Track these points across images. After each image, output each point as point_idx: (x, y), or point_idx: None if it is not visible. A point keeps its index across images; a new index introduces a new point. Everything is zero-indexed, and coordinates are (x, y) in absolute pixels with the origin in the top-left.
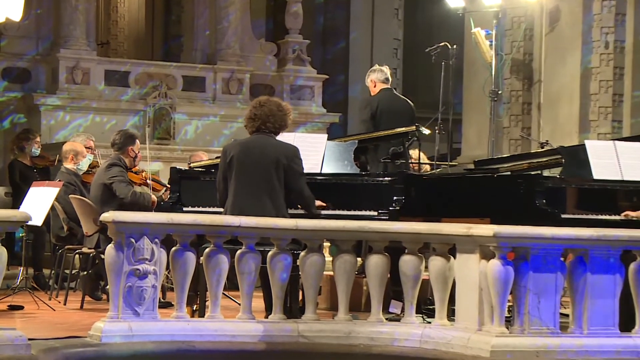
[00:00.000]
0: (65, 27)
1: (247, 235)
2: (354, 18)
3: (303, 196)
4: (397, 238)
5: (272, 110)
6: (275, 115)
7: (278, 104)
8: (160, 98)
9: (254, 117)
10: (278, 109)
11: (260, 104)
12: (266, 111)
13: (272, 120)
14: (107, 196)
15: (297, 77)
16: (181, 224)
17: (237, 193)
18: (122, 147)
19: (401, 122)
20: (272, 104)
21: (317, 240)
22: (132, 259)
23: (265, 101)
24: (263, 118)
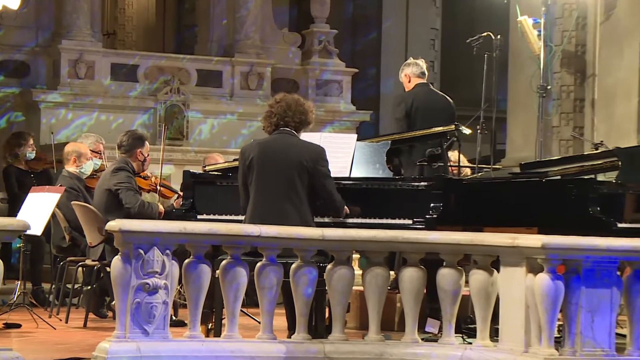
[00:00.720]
0: (68, 16)
1: (267, 246)
2: (387, 5)
3: (334, 201)
4: (434, 249)
5: (290, 104)
6: (293, 109)
7: (296, 98)
8: (172, 94)
9: (271, 115)
10: (296, 103)
11: (277, 101)
12: (283, 106)
13: (290, 115)
14: (113, 203)
15: (324, 70)
16: (195, 234)
17: (257, 200)
18: (129, 150)
19: (439, 120)
20: (289, 98)
21: (345, 252)
22: (141, 272)
23: (281, 97)
24: (280, 113)
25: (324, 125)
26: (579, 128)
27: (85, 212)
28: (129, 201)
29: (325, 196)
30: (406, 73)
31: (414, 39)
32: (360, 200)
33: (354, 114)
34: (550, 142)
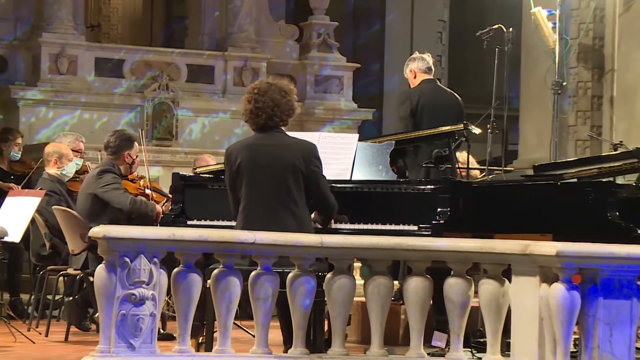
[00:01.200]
0: (49, 7)
1: (262, 253)
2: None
3: (327, 204)
4: (442, 257)
5: (276, 100)
6: (281, 105)
7: (280, 89)
8: (160, 91)
9: (256, 112)
10: (281, 95)
11: (260, 93)
12: (269, 102)
13: (278, 113)
14: (98, 208)
15: (323, 66)
16: (185, 241)
17: (249, 207)
18: (117, 152)
19: (446, 119)
20: (274, 91)
21: (346, 260)
22: (127, 281)
23: (265, 88)
24: (267, 112)
25: (324, 124)
26: (596, 127)
27: (67, 217)
28: (118, 201)
29: (318, 197)
30: (411, 68)
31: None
32: (362, 205)
33: (355, 112)
34: (565, 142)
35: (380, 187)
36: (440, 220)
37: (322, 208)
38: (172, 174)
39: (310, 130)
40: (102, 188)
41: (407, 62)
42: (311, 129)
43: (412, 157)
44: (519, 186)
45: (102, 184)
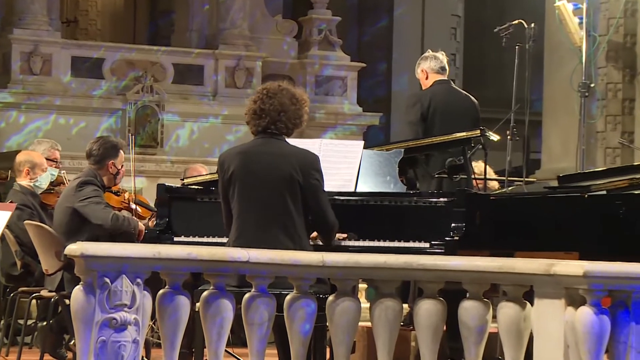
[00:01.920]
0: (20, 1)
1: (258, 273)
2: None
3: (325, 222)
4: (456, 278)
5: (285, 105)
6: (289, 111)
7: (291, 95)
8: (144, 93)
9: (260, 113)
10: (292, 101)
11: (269, 95)
12: (277, 106)
13: (284, 119)
14: (76, 224)
15: (325, 65)
16: (171, 259)
17: (241, 222)
18: (100, 161)
19: (461, 124)
20: (284, 95)
21: (350, 281)
22: (107, 305)
23: (275, 90)
24: (272, 115)
25: (325, 130)
26: (628, 134)
27: (41, 233)
28: (98, 217)
29: (316, 214)
30: (423, 68)
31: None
32: (367, 220)
33: (360, 117)
34: (594, 150)
35: (387, 199)
36: (455, 236)
37: (321, 227)
38: (157, 185)
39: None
40: (82, 202)
41: (418, 61)
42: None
43: (423, 167)
44: (542, 199)
45: (81, 197)
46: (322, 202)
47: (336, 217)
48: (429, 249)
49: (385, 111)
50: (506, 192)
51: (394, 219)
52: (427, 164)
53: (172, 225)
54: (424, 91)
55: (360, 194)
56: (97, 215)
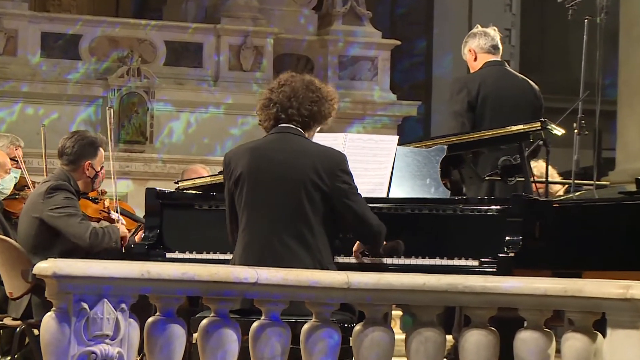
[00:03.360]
0: None
1: (268, 297)
2: None
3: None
4: (511, 303)
5: (296, 90)
6: (301, 96)
7: (308, 81)
8: (129, 78)
9: (269, 104)
10: (307, 86)
11: (279, 84)
12: (287, 91)
13: (295, 105)
14: (46, 237)
15: (350, 43)
16: (163, 280)
17: (249, 235)
18: (75, 161)
19: (518, 115)
20: (297, 81)
21: (381, 307)
22: (85, 335)
23: (286, 78)
24: (282, 103)
25: (351, 122)
26: None
27: (4, 248)
28: (73, 232)
29: (354, 220)
30: (471, 47)
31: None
32: (403, 232)
33: (394, 107)
34: None
35: (427, 207)
36: (509, 252)
37: (364, 236)
38: (146, 189)
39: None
40: (52, 212)
41: (465, 38)
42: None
43: (471, 168)
44: (617, 207)
45: (52, 205)
46: (356, 207)
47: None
48: (478, 268)
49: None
50: (573, 198)
51: (435, 231)
52: (476, 164)
53: (164, 238)
54: (472, 75)
55: (393, 201)
56: (72, 231)
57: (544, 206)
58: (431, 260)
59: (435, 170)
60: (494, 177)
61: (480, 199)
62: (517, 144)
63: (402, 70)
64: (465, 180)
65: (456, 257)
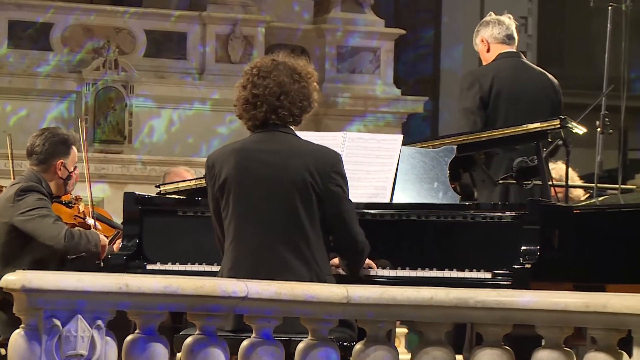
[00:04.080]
0: None
1: (260, 313)
2: None
3: (353, 241)
4: (527, 320)
5: (284, 84)
6: (290, 92)
7: (291, 69)
8: (106, 70)
9: (254, 101)
10: (292, 78)
11: (261, 74)
12: (273, 87)
13: (286, 104)
14: (15, 245)
15: (350, 33)
16: (143, 294)
17: (238, 244)
18: (46, 160)
19: (535, 112)
20: (281, 71)
21: (384, 324)
22: (57, 355)
23: (268, 68)
24: (270, 101)
25: (351, 120)
26: None
27: None
28: (47, 234)
29: (339, 231)
30: (483, 37)
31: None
32: (408, 241)
33: (398, 103)
34: None
35: (435, 214)
36: (526, 263)
37: (345, 249)
38: (124, 194)
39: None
40: (23, 215)
41: (477, 27)
42: (331, 127)
43: (483, 170)
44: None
45: (22, 209)
46: (346, 216)
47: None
48: (491, 281)
49: (432, 95)
50: (595, 203)
51: (444, 240)
52: (489, 166)
53: (145, 248)
54: (485, 67)
55: (397, 206)
56: (46, 233)
57: (563, 212)
58: (439, 273)
59: (443, 172)
60: (509, 180)
61: (493, 205)
62: (534, 143)
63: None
64: (477, 184)
65: (467, 269)
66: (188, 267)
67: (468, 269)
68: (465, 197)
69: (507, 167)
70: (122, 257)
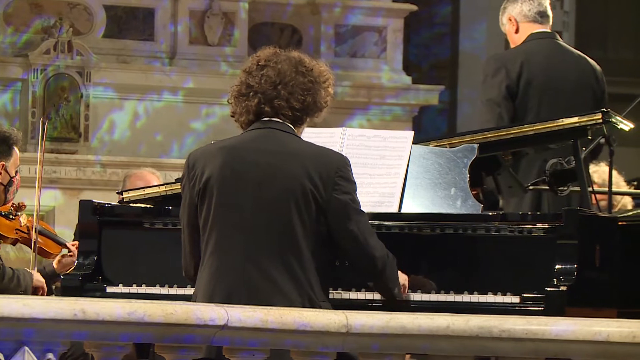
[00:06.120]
0: None
1: (242, 345)
2: None
3: (371, 259)
4: (563, 352)
5: (283, 73)
6: (291, 82)
7: (297, 60)
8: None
9: (247, 93)
10: (296, 68)
11: (259, 64)
12: (271, 77)
13: (283, 95)
14: None
15: (351, 9)
16: (103, 322)
17: (219, 260)
18: None
19: (572, 104)
20: (282, 60)
21: (390, 357)
22: None
23: (267, 57)
24: (265, 92)
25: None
26: None
27: None
28: None
29: (351, 249)
30: (510, 15)
31: None
32: (419, 258)
33: (408, 92)
34: None
35: (452, 226)
36: (561, 285)
37: (364, 270)
38: (80, 202)
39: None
40: None
41: (503, 4)
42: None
43: (511, 173)
44: None
45: None
46: (356, 230)
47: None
48: (520, 306)
49: (450, 84)
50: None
51: (463, 257)
52: (517, 169)
53: (104, 267)
54: (513, 51)
55: (407, 217)
56: None
57: (606, 224)
58: (457, 296)
59: (462, 177)
60: (541, 185)
61: (522, 215)
62: (571, 142)
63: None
64: (503, 191)
65: (490, 292)
66: (156, 290)
67: (492, 292)
68: (488, 206)
69: (539, 170)
70: (78, 278)
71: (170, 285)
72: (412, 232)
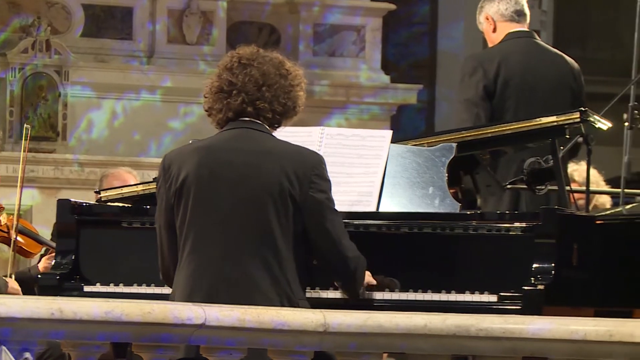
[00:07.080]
0: None
1: (220, 344)
2: None
3: (342, 259)
4: (540, 351)
5: (268, 75)
6: (275, 85)
7: (279, 63)
8: (35, 53)
9: (230, 89)
10: (279, 71)
11: (241, 62)
12: (256, 77)
13: (267, 97)
14: None
15: (329, 8)
16: (80, 321)
17: (197, 259)
18: None
19: (550, 103)
20: (266, 62)
21: (368, 356)
22: None
23: (250, 56)
24: (249, 90)
25: (330, 112)
26: None
27: None
28: None
29: (323, 248)
30: (488, 14)
31: None
32: (397, 257)
33: (386, 92)
34: None
35: (430, 225)
36: (538, 284)
37: (334, 269)
38: (58, 201)
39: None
40: None
41: (480, 2)
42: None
43: (489, 172)
44: None
45: None
46: (331, 229)
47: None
48: (497, 305)
49: (428, 83)
50: (622, 212)
51: (440, 256)
52: (495, 168)
53: (82, 266)
54: (490, 50)
55: (385, 216)
56: None
57: (584, 223)
58: (435, 295)
59: (440, 176)
60: (519, 184)
61: (500, 214)
62: (549, 141)
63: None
64: (481, 189)
65: (468, 291)
66: (134, 289)
67: (469, 290)
68: (466, 205)
69: (517, 169)
70: (55, 277)
71: (148, 285)
72: (390, 232)
